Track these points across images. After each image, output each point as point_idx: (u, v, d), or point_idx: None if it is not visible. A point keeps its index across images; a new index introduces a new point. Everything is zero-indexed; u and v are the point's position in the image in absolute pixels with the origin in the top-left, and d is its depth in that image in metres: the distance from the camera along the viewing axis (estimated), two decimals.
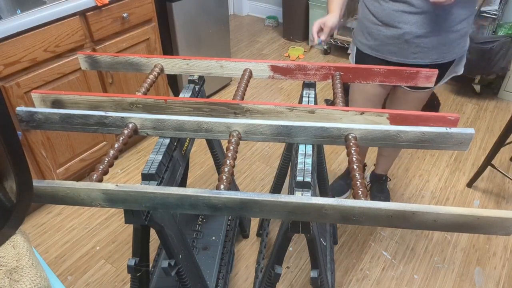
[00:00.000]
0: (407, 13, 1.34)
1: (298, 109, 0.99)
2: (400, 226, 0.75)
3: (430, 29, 1.35)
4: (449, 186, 2.18)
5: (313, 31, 1.38)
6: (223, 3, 2.68)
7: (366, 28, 1.48)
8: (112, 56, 1.22)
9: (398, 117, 0.96)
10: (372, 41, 1.47)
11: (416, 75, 1.14)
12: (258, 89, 3.03)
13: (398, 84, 1.52)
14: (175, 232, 1.05)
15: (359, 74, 1.17)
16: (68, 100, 1.05)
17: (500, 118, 2.69)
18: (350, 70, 1.16)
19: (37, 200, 0.80)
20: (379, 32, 1.43)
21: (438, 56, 1.42)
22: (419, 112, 0.96)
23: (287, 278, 1.74)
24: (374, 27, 1.44)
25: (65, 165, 2.03)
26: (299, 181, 0.87)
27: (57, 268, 1.77)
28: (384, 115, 0.97)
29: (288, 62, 1.17)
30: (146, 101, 1.02)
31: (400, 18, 1.36)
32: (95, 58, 1.22)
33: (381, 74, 1.15)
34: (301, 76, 1.19)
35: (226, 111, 1.01)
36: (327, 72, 1.17)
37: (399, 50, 1.43)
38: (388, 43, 1.43)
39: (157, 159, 0.94)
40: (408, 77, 1.15)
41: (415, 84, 1.17)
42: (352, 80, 1.18)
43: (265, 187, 2.18)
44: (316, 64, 1.17)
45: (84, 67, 1.25)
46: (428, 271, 1.76)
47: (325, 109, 0.98)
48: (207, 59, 1.19)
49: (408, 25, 1.36)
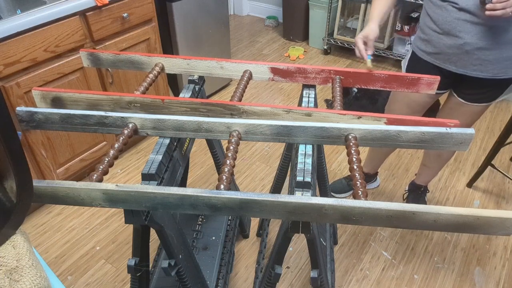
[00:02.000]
0: (469, 22, 1.29)
1: (295, 112, 0.99)
2: (400, 226, 0.75)
3: (492, 41, 1.29)
4: (449, 186, 2.18)
5: (360, 49, 1.32)
6: (223, 3, 2.68)
7: (426, 35, 1.43)
8: (114, 54, 1.22)
9: (396, 122, 0.96)
10: (432, 48, 1.43)
11: (418, 81, 1.13)
12: (258, 89, 3.03)
13: (453, 95, 1.45)
14: (175, 232, 1.05)
15: (359, 79, 1.16)
16: (67, 98, 1.05)
17: (500, 118, 2.69)
18: (351, 74, 1.15)
19: (37, 200, 0.80)
20: (439, 40, 1.39)
21: (499, 70, 1.36)
22: (418, 118, 0.96)
23: (287, 278, 1.74)
24: (434, 35, 1.39)
25: (65, 165, 2.03)
26: (299, 181, 0.87)
27: (57, 268, 1.77)
28: (382, 120, 0.97)
29: (289, 64, 1.17)
30: (144, 100, 1.02)
31: (461, 27, 1.31)
32: (97, 56, 1.23)
33: (382, 79, 1.15)
34: (301, 79, 1.19)
35: (222, 112, 1.01)
36: (327, 76, 1.17)
37: (459, 61, 1.38)
38: (448, 52, 1.38)
39: (157, 159, 0.94)
40: (409, 84, 1.14)
41: (416, 91, 1.15)
42: (353, 85, 1.18)
43: (265, 187, 2.18)
44: (317, 68, 1.16)
45: (86, 64, 1.25)
46: (428, 271, 1.76)
47: (322, 112, 0.98)
48: (208, 59, 1.20)
49: (469, 35, 1.31)
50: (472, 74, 1.38)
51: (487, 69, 1.36)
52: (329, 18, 3.34)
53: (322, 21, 3.40)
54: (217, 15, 2.67)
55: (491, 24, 1.26)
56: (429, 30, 1.41)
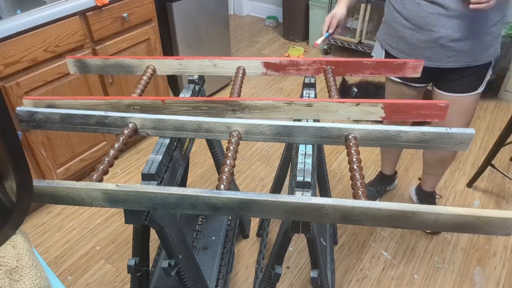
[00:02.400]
0: (443, 16, 1.30)
1: (296, 103, 0.99)
2: (400, 226, 0.75)
3: (467, 32, 1.30)
4: (449, 186, 2.18)
5: (324, 26, 1.36)
6: (223, 3, 2.68)
7: (396, 32, 1.43)
8: (102, 59, 1.19)
9: (392, 106, 0.98)
10: (404, 45, 1.43)
11: (404, 66, 1.16)
12: (258, 89, 3.03)
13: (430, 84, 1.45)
14: (175, 232, 1.05)
15: (349, 67, 1.18)
16: (62, 105, 1.04)
17: (500, 118, 2.69)
18: (341, 63, 1.17)
19: (37, 200, 0.80)
20: (412, 36, 1.39)
21: (472, 58, 1.38)
22: (411, 101, 0.98)
23: (287, 278, 1.74)
24: (406, 31, 1.39)
25: (65, 165, 2.03)
26: (299, 181, 0.87)
27: (57, 268, 1.77)
28: (379, 105, 0.98)
29: (281, 58, 1.18)
30: (143, 102, 1.02)
31: (435, 21, 1.31)
32: (84, 62, 1.20)
33: (371, 66, 1.17)
34: (294, 71, 1.19)
35: (224, 109, 1.01)
36: (319, 67, 1.18)
37: (433, 55, 1.39)
38: (422, 47, 1.39)
39: (157, 159, 0.94)
40: (396, 69, 1.17)
41: (403, 75, 1.18)
42: (344, 74, 1.19)
43: (265, 187, 2.18)
44: (308, 59, 1.18)
45: (73, 71, 1.21)
46: (428, 271, 1.76)
47: (322, 102, 0.99)
48: (200, 58, 1.19)
49: (444, 28, 1.31)
50: (446, 66, 1.40)
51: (460, 59, 1.38)
52: None
53: (322, 21, 3.38)
54: (217, 15, 2.67)
55: (466, 15, 1.28)
56: (400, 27, 1.42)
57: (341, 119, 1.02)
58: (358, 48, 3.28)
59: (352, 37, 3.30)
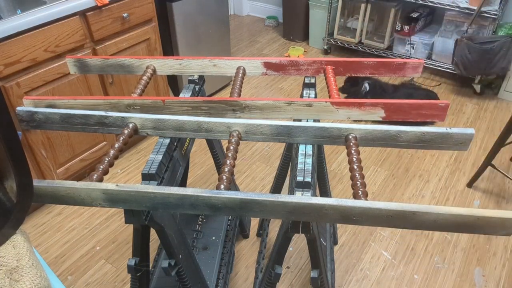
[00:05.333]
0: None
1: (296, 103, 0.99)
2: (400, 226, 0.75)
3: None
4: (449, 186, 2.18)
5: None
6: (223, 3, 2.68)
7: None
8: (102, 59, 1.19)
9: (392, 106, 0.98)
10: None
11: (404, 66, 1.16)
12: (258, 89, 3.04)
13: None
14: (175, 232, 1.05)
15: (349, 67, 1.18)
16: (62, 105, 1.04)
17: (500, 118, 2.69)
18: (341, 63, 1.17)
19: (37, 200, 0.80)
20: None
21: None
22: (411, 101, 0.98)
23: (287, 278, 1.74)
24: None
25: (65, 165, 2.03)
26: (299, 181, 0.87)
27: (57, 268, 1.77)
28: (379, 105, 0.98)
29: (281, 58, 1.18)
30: (143, 102, 1.02)
31: None
32: (84, 62, 1.20)
33: (371, 66, 1.17)
34: (294, 71, 1.19)
35: (224, 109, 1.01)
36: (319, 67, 1.18)
37: None
38: None
39: (157, 159, 0.94)
40: (396, 69, 1.17)
41: (403, 75, 1.18)
42: (344, 74, 1.19)
43: (265, 187, 2.18)
44: (308, 59, 1.18)
45: (73, 71, 1.21)
46: (428, 271, 1.76)
47: (322, 102, 0.99)
48: (200, 58, 1.18)
49: None
50: None
51: None
52: (329, 18, 3.34)
53: (322, 21, 3.40)
54: (217, 15, 2.67)
55: None
56: None
57: (341, 119, 1.02)
58: (358, 48, 3.28)
59: (352, 37, 3.30)
